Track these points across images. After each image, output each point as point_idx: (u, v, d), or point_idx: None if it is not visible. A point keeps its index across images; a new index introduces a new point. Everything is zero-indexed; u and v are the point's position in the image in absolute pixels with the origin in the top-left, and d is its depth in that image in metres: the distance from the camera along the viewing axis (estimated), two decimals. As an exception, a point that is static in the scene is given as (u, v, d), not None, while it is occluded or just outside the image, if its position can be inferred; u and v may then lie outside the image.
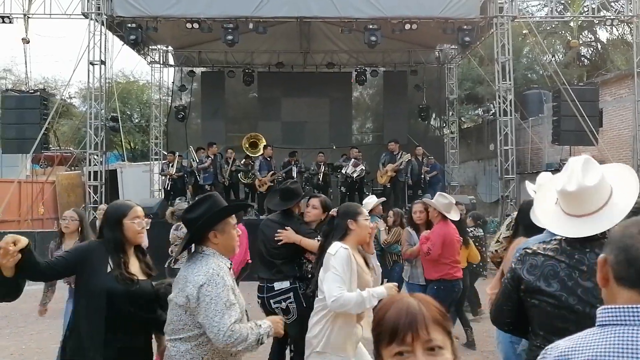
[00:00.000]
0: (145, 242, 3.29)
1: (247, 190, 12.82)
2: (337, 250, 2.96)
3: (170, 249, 6.20)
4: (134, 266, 2.75)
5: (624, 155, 14.51)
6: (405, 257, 5.66)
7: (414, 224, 5.66)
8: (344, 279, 2.92)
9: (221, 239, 2.49)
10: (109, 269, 2.64)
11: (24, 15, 12.25)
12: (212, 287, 2.30)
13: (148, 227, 2.94)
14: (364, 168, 12.22)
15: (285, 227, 4.13)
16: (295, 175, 12.45)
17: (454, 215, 5.22)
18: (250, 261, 6.49)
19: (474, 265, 6.68)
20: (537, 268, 1.96)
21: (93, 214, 11.55)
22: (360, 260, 3.14)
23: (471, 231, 6.70)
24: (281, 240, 4.09)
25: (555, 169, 14.53)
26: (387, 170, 12.21)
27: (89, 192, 11.96)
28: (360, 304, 2.91)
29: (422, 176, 12.59)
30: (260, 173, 12.10)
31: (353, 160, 12.33)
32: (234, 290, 2.41)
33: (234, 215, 2.58)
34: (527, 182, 3.88)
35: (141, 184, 15.70)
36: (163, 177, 13.09)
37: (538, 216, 2.18)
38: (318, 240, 3.98)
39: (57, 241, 4.90)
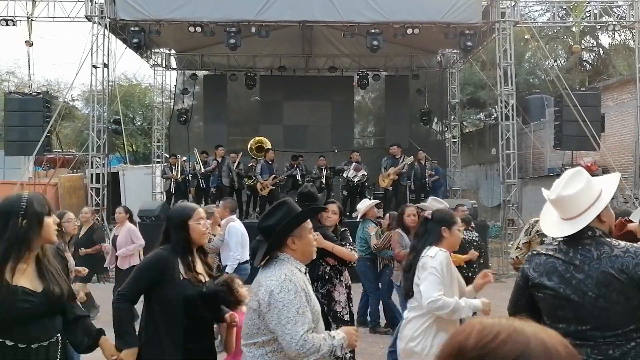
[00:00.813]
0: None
1: (249, 194, 12.82)
2: (437, 253, 3.02)
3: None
4: (199, 267, 2.82)
5: (625, 160, 14.50)
6: (399, 259, 5.63)
7: (405, 226, 5.68)
8: (444, 282, 2.96)
9: (299, 245, 2.45)
10: (181, 276, 2.69)
11: (28, 18, 12.30)
12: (284, 294, 2.25)
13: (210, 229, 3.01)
14: (365, 174, 12.22)
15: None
16: (298, 179, 12.46)
17: None
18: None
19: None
20: (540, 266, 2.27)
21: (95, 216, 11.58)
22: (455, 268, 3.19)
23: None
24: None
25: (557, 174, 14.53)
26: (389, 174, 12.21)
27: (91, 195, 11.97)
28: (456, 311, 2.94)
29: (426, 180, 12.59)
30: (261, 177, 12.11)
31: (354, 164, 12.34)
32: (308, 297, 2.35)
33: (309, 220, 2.54)
34: (543, 188, 3.93)
35: (143, 187, 15.70)
36: (165, 180, 13.09)
37: (540, 220, 2.48)
38: (351, 249, 4.21)
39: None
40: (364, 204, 6.82)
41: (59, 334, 2.35)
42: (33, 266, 2.29)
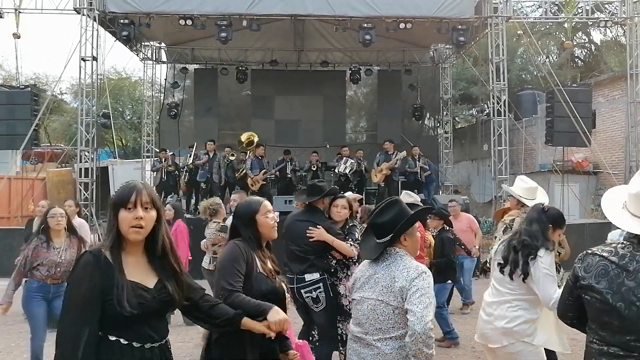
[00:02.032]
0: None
1: (239, 189, 12.72)
2: (545, 252, 3.14)
3: (210, 248, 6.17)
4: (268, 263, 2.79)
5: (616, 156, 14.57)
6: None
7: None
8: (556, 278, 3.15)
9: (409, 242, 2.67)
10: (258, 269, 2.67)
11: (15, 10, 12.10)
12: (422, 281, 2.48)
13: (278, 221, 2.95)
14: (352, 161, 12.22)
15: (317, 226, 4.39)
16: (289, 173, 12.40)
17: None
18: (190, 258, 6.49)
19: None
20: (591, 267, 2.17)
21: (84, 211, 11.45)
22: None
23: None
24: (313, 238, 4.35)
25: (549, 170, 14.58)
26: (381, 169, 12.19)
27: (80, 189, 11.84)
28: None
29: (418, 175, 12.57)
30: (251, 172, 12.04)
31: (344, 158, 12.36)
32: (433, 293, 2.59)
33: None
34: (503, 185, 4.07)
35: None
36: (155, 174, 12.97)
37: (608, 216, 2.32)
38: (351, 244, 4.35)
39: (41, 239, 4.68)
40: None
41: (167, 337, 2.21)
42: (145, 259, 2.15)
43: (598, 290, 2.10)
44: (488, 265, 4.30)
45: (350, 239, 4.41)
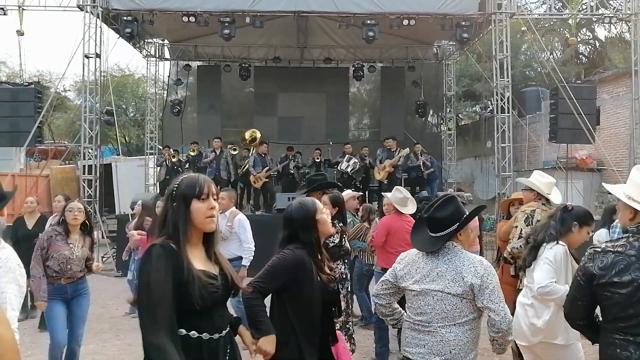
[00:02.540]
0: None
1: (242, 186, 12.75)
2: (554, 245, 3.31)
3: None
4: (326, 265, 2.80)
5: (620, 153, 14.50)
6: (369, 244, 5.94)
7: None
8: (557, 271, 3.25)
9: (463, 237, 2.77)
10: (318, 277, 2.66)
11: (19, 7, 12.10)
12: (492, 277, 2.60)
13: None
14: (356, 161, 12.21)
15: None
16: (291, 170, 12.40)
17: (410, 209, 5.51)
18: None
19: None
20: (608, 264, 2.23)
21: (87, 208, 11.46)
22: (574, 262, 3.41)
23: None
24: None
25: (552, 166, 14.52)
26: (384, 166, 12.18)
27: (84, 186, 11.86)
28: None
29: (421, 173, 12.54)
30: (254, 169, 12.04)
31: (347, 156, 12.35)
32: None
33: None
34: (518, 178, 4.14)
35: (136, 179, 15.57)
36: (159, 170, 12.99)
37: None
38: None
39: (56, 230, 4.52)
40: (344, 194, 6.82)
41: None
42: (203, 249, 2.17)
43: (622, 284, 2.17)
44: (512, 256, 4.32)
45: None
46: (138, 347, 1.99)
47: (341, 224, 4.49)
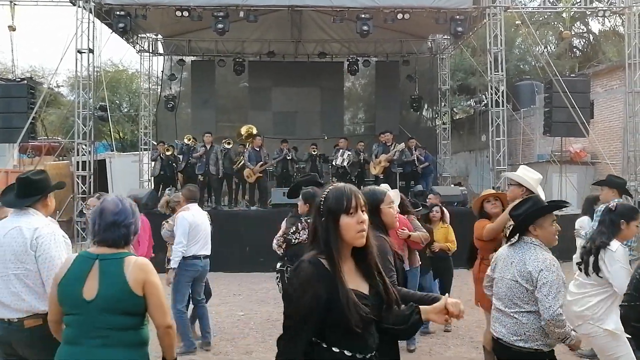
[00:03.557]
0: None
1: (237, 181, 12.73)
2: (617, 247, 3.56)
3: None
4: None
5: (614, 146, 14.56)
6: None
7: None
8: (630, 271, 3.63)
9: (540, 232, 3.02)
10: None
11: (10, 2, 12.01)
12: (549, 273, 2.88)
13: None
14: (349, 153, 12.21)
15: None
16: (288, 166, 12.37)
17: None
18: (153, 255, 5.86)
19: None
20: None
21: (81, 204, 11.43)
22: None
23: None
24: None
25: (547, 160, 14.57)
26: (380, 161, 12.17)
27: (78, 183, 11.81)
28: None
29: (416, 167, 12.55)
30: (249, 164, 12.01)
31: (340, 150, 12.35)
32: (563, 280, 2.94)
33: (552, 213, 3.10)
34: (506, 173, 4.19)
35: (130, 174, 15.53)
36: (153, 165, 12.94)
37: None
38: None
39: None
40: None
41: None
42: (354, 264, 2.08)
43: None
44: None
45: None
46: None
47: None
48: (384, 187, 6.55)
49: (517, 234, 3.12)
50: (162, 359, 2.57)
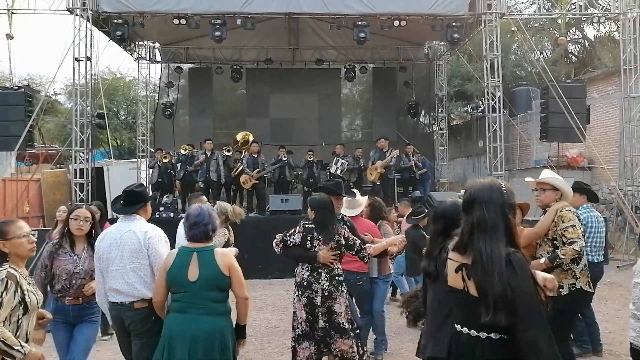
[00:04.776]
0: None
1: (234, 188, 12.73)
2: None
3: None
4: None
5: (610, 152, 14.62)
6: None
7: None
8: None
9: None
10: None
11: (8, 10, 12.03)
12: None
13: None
14: (344, 161, 12.23)
15: None
16: (286, 173, 12.38)
17: (354, 212, 5.35)
18: None
19: None
20: None
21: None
22: None
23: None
24: None
25: (544, 165, 14.61)
26: (376, 167, 12.20)
27: (75, 190, 11.80)
28: None
29: (414, 173, 12.57)
30: (247, 170, 12.02)
31: (335, 158, 12.40)
32: None
33: None
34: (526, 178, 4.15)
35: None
36: (151, 172, 12.95)
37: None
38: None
39: (63, 246, 4.06)
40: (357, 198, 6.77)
41: None
42: None
43: None
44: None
45: None
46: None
47: (311, 226, 4.38)
48: (356, 193, 6.67)
49: None
50: (236, 324, 3.46)
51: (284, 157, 12.34)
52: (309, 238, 4.33)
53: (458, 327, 2.24)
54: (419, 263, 6.02)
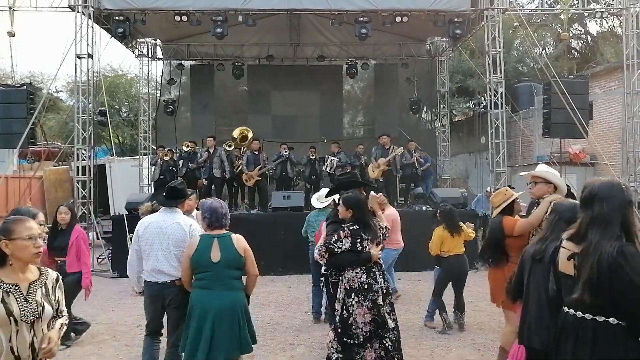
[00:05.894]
0: None
1: (236, 185, 12.74)
2: None
3: None
4: None
5: (613, 147, 14.59)
6: None
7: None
8: None
9: None
10: None
11: (9, 8, 12.02)
12: None
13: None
14: (334, 159, 12.24)
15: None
16: (288, 170, 12.36)
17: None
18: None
19: None
20: None
21: (82, 209, 11.45)
22: None
23: None
24: None
25: (546, 161, 14.60)
26: (379, 164, 12.19)
27: (77, 188, 11.82)
28: None
29: (416, 170, 12.56)
30: (247, 168, 12.03)
31: (326, 156, 12.50)
32: None
33: None
34: (539, 169, 4.23)
35: (130, 179, 15.53)
36: (153, 170, 12.97)
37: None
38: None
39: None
40: (324, 192, 6.83)
41: None
42: None
43: None
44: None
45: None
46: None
47: (356, 227, 4.36)
48: (323, 191, 6.83)
49: None
50: (245, 294, 4.13)
51: (285, 152, 12.31)
52: (358, 240, 4.32)
53: (565, 309, 2.45)
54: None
